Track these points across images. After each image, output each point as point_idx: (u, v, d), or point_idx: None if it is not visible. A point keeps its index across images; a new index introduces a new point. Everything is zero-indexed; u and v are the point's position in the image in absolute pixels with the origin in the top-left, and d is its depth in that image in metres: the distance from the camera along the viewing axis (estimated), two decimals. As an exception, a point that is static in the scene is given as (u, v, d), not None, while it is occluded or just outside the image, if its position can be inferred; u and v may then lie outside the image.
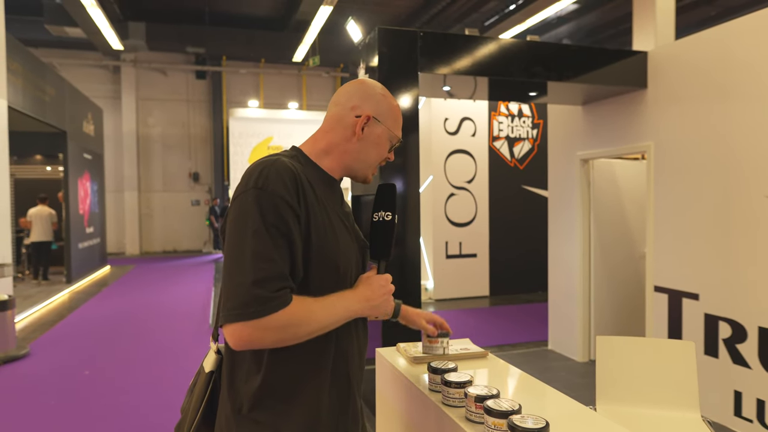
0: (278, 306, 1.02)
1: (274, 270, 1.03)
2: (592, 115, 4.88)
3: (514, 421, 1.11)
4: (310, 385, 1.14)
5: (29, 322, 6.83)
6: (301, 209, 1.09)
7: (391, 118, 1.29)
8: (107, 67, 14.85)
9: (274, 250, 1.04)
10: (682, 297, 3.90)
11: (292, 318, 1.04)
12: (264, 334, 1.02)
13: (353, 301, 1.17)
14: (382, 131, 1.28)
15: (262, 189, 1.05)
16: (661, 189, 4.10)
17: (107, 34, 10.62)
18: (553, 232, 5.44)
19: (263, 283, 1.01)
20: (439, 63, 3.74)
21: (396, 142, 1.32)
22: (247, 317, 1.00)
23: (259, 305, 1.00)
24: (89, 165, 10.94)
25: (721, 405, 3.55)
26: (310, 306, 1.08)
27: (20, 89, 6.99)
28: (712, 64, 3.67)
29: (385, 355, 1.85)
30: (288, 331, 1.04)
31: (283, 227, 1.05)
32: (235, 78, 15.81)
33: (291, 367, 1.12)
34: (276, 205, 1.05)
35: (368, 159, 1.28)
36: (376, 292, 1.21)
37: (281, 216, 1.05)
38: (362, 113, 1.25)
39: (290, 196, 1.07)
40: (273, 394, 1.11)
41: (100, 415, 3.78)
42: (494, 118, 8.57)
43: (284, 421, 1.11)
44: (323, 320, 1.10)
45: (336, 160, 1.26)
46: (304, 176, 1.14)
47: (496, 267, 8.55)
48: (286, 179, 1.08)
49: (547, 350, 5.40)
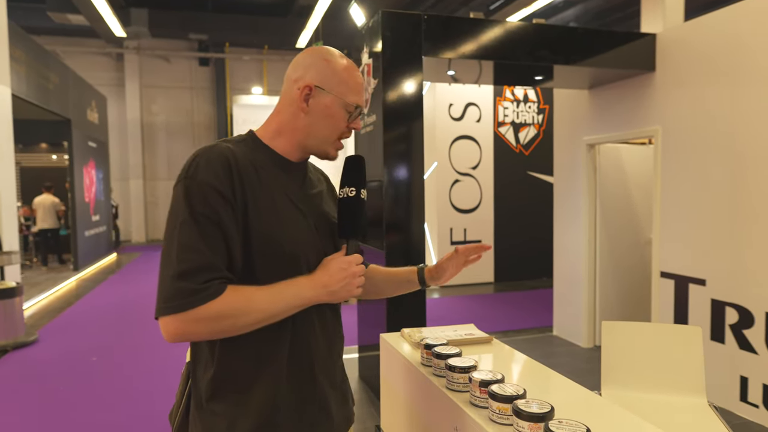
0: (205, 298, 0.98)
1: (199, 261, 0.99)
2: (599, 100, 4.83)
3: (519, 406, 1.11)
4: (265, 374, 1.10)
5: (37, 309, 6.89)
6: (236, 196, 1.04)
7: (341, 84, 1.15)
8: (110, 55, 14.80)
9: (202, 240, 1.00)
10: (689, 283, 3.87)
11: (225, 308, 0.99)
12: (195, 327, 0.99)
13: (306, 287, 1.08)
14: (331, 100, 1.15)
15: (191, 178, 1.03)
16: (669, 174, 4.06)
17: (110, 21, 10.56)
18: (558, 218, 5.41)
19: (188, 275, 0.98)
20: (443, 47, 3.70)
21: (353, 109, 1.18)
22: (172, 311, 0.97)
23: (184, 298, 0.97)
24: (94, 153, 10.95)
25: (727, 390, 3.55)
26: (250, 295, 1.03)
27: (24, 77, 6.98)
28: (722, 46, 3.61)
29: (390, 341, 1.85)
30: (223, 322, 1.00)
31: (214, 216, 1.02)
32: (239, 65, 15.73)
33: (243, 357, 1.10)
34: (205, 193, 1.02)
35: (321, 134, 1.17)
36: (333, 277, 1.11)
37: (210, 205, 1.02)
38: (304, 84, 1.14)
39: (220, 183, 1.03)
40: (227, 384, 1.10)
41: (107, 401, 3.82)
42: (499, 104, 8.50)
43: (240, 412, 1.09)
44: (268, 309, 1.04)
45: (288, 139, 1.18)
46: (247, 161, 1.10)
47: (500, 253, 8.53)
48: (216, 167, 1.04)
49: (552, 336, 5.40)
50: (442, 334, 1.82)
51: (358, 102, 1.18)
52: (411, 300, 3.51)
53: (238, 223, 1.05)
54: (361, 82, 1.21)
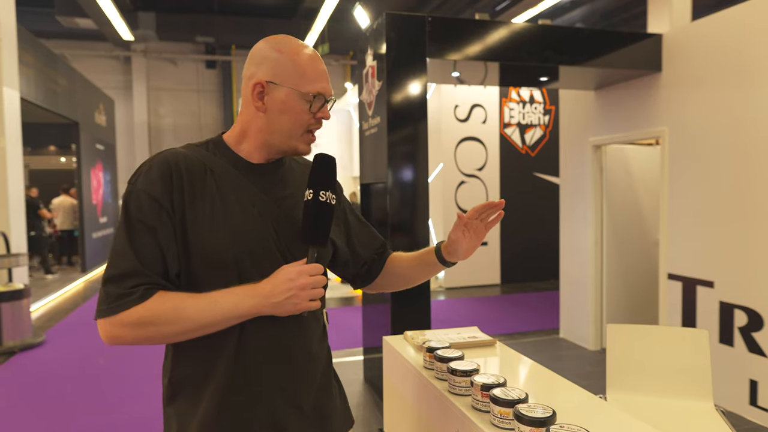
0: (129, 303, 0.97)
1: (127, 266, 0.99)
2: (605, 100, 4.80)
3: (521, 410, 1.09)
4: (211, 386, 1.07)
5: (46, 310, 6.93)
6: (173, 202, 1.03)
7: (295, 74, 1.09)
8: (118, 58, 14.90)
9: (131, 246, 1.00)
10: (697, 285, 3.84)
11: (148, 315, 0.98)
12: (122, 331, 0.98)
13: (245, 297, 1.02)
14: (286, 94, 1.09)
15: (132, 185, 1.04)
16: (676, 175, 4.03)
17: (117, 24, 10.64)
18: (564, 220, 5.38)
19: (115, 280, 0.99)
20: (447, 48, 3.69)
21: (313, 98, 1.10)
22: (101, 314, 0.98)
23: (110, 302, 0.98)
24: (102, 155, 11.02)
25: (736, 394, 3.51)
26: (178, 303, 1.00)
27: (33, 81, 7.04)
28: (729, 45, 3.58)
29: (392, 343, 1.84)
30: (147, 328, 0.98)
31: (148, 221, 1.01)
32: (245, 67, 15.78)
33: (190, 364, 1.09)
34: (141, 200, 1.02)
35: (283, 129, 1.11)
36: (278, 287, 1.02)
37: (144, 211, 1.02)
38: (255, 81, 1.09)
39: (156, 190, 1.02)
40: (180, 390, 1.10)
41: (114, 402, 3.83)
42: (505, 105, 8.48)
43: (190, 418, 1.08)
44: (197, 319, 0.99)
45: (252, 140, 1.13)
46: (200, 165, 1.08)
47: (507, 255, 8.50)
48: (155, 174, 1.04)
49: (559, 338, 5.37)
50: (445, 337, 1.80)
51: (318, 90, 1.10)
52: (416, 302, 3.50)
53: (175, 229, 1.03)
54: (322, 68, 1.13)
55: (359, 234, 1.37)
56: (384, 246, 1.42)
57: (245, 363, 1.08)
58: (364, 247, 1.37)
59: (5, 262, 5.23)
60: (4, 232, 5.44)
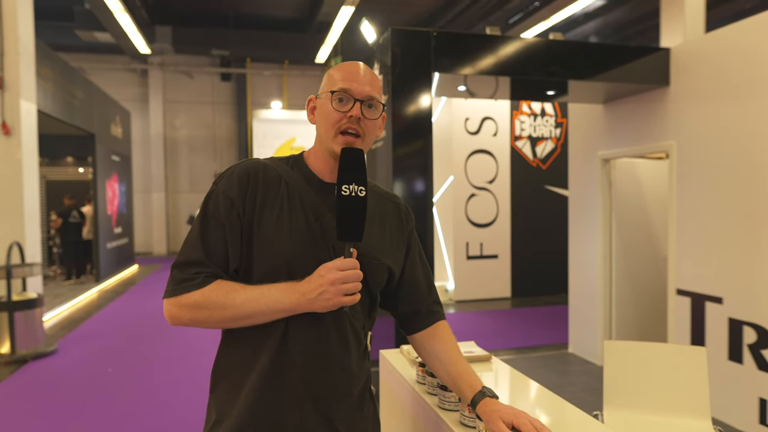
0: (190, 287, 1.09)
1: (194, 256, 1.11)
2: (614, 114, 4.78)
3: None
4: (249, 380, 1.12)
5: (59, 319, 7.03)
6: (245, 205, 1.13)
7: (328, 82, 1.18)
8: (135, 71, 15.17)
9: (201, 239, 1.12)
10: (705, 301, 3.79)
11: (203, 299, 1.08)
12: (180, 312, 1.10)
13: (286, 292, 1.08)
14: (322, 100, 1.19)
15: (215, 185, 1.17)
16: (684, 189, 4.00)
17: (135, 38, 10.85)
18: (573, 234, 5.35)
19: (182, 266, 1.11)
20: (453, 63, 3.72)
21: (336, 94, 1.14)
22: (166, 294, 1.11)
23: (174, 285, 1.10)
24: (117, 167, 11.20)
25: (745, 412, 3.44)
26: (231, 292, 1.09)
27: (50, 94, 7.20)
28: (738, 60, 3.56)
29: (388, 357, 1.85)
30: (202, 311, 1.08)
31: (220, 218, 1.13)
32: (260, 80, 15.97)
33: (233, 357, 1.17)
34: (218, 199, 1.14)
35: (321, 133, 1.19)
36: (313, 283, 1.06)
37: (219, 209, 1.13)
38: (309, 97, 1.24)
39: (233, 192, 1.14)
40: (222, 381, 1.18)
41: (123, 412, 3.86)
42: (516, 118, 8.48)
43: (229, 409, 1.14)
44: (245, 308, 1.08)
45: (318, 155, 1.22)
46: (277, 176, 1.18)
47: (518, 268, 8.45)
48: (235, 177, 1.16)
49: (567, 353, 5.31)
50: (440, 352, 1.80)
51: (340, 86, 1.14)
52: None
53: (243, 229, 1.13)
54: (353, 70, 1.16)
55: (413, 279, 1.31)
56: (435, 306, 1.35)
57: (283, 366, 1.12)
58: (409, 293, 1.31)
59: (19, 271, 5.33)
60: (18, 242, 5.55)
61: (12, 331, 5.11)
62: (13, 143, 5.86)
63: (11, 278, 5.15)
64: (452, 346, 1.28)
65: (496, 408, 1.12)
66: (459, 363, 1.25)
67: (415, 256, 1.33)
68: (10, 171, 5.87)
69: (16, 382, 4.56)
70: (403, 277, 1.30)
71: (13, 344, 5.12)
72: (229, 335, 1.17)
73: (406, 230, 1.31)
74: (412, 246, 1.32)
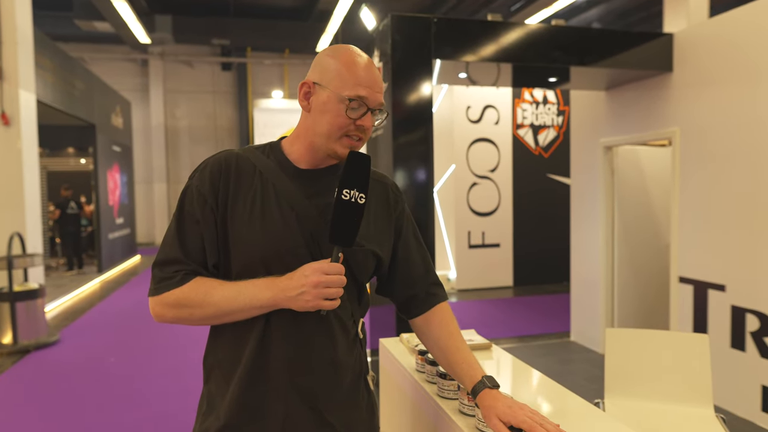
0: (170, 285, 1.10)
1: (171, 254, 1.12)
2: (616, 101, 4.74)
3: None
4: (237, 371, 1.13)
5: (61, 310, 7.05)
6: (218, 200, 1.12)
7: (339, 77, 1.10)
8: (135, 61, 15.10)
9: (178, 236, 1.12)
10: (708, 288, 3.77)
11: (183, 297, 1.09)
12: (163, 310, 1.12)
13: (264, 288, 1.06)
14: (328, 95, 1.11)
15: (190, 180, 1.16)
16: (687, 176, 3.96)
17: (134, 27, 10.79)
18: (575, 221, 5.33)
19: (161, 264, 1.13)
20: (454, 50, 3.67)
21: (349, 101, 1.09)
22: (150, 293, 1.13)
23: (156, 283, 1.12)
24: (118, 157, 11.18)
25: (748, 400, 3.44)
26: (210, 290, 1.09)
27: (50, 84, 7.16)
28: (741, 45, 3.51)
29: (388, 346, 1.83)
30: (183, 310, 1.10)
31: (195, 214, 1.12)
32: (260, 69, 15.89)
33: (221, 350, 1.17)
34: (192, 195, 1.14)
35: (321, 130, 1.12)
36: (294, 282, 1.05)
37: (193, 205, 1.13)
38: (304, 82, 1.15)
39: (205, 186, 1.13)
40: (212, 373, 1.19)
41: (125, 401, 3.88)
42: (518, 106, 8.42)
43: (220, 400, 1.15)
44: (223, 305, 1.07)
45: (302, 142, 1.17)
46: (251, 166, 1.15)
47: (520, 257, 8.43)
48: (207, 172, 1.14)
49: (570, 341, 5.31)
50: (440, 340, 1.79)
51: (356, 94, 1.09)
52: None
53: (217, 224, 1.13)
54: (369, 75, 1.12)
55: (408, 260, 1.27)
56: (434, 287, 1.30)
57: (265, 359, 1.12)
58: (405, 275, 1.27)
59: (21, 262, 5.33)
60: (19, 232, 5.55)
61: (14, 322, 5.13)
62: (13, 133, 5.84)
63: (12, 269, 5.15)
64: (452, 331, 1.25)
65: (493, 404, 1.09)
66: (460, 350, 1.22)
67: (408, 236, 1.28)
68: (10, 161, 5.85)
69: (19, 373, 4.58)
70: (397, 258, 1.26)
71: (15, 334, 5.13)
72: (215, 328, 1.18)
73: (395, 213, 1.26)
74: (404, 227, 1.27)
